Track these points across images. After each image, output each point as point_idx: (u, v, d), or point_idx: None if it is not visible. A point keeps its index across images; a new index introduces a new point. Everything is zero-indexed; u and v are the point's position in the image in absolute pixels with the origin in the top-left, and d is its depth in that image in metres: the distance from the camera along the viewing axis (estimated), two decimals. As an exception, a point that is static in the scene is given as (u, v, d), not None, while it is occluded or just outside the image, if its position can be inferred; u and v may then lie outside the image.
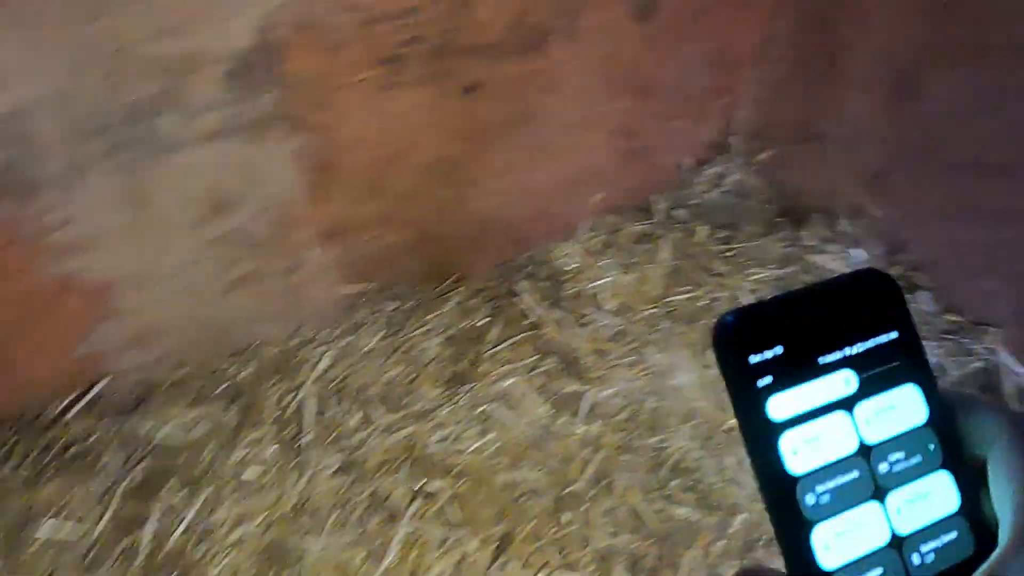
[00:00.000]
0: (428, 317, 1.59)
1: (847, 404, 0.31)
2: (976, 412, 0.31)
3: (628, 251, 1.73)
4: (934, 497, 0.31)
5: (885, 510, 0.31)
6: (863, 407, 0.31)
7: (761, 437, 0.30)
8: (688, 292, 1.62)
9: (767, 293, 1.61)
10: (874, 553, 0.30)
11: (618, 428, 1.42)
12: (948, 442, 0.32)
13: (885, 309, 0.32)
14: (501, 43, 1.28)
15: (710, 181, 1.85)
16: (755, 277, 1.64)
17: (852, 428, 0.31)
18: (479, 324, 1.59)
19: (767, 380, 0.30)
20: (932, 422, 0.32)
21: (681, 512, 1.30)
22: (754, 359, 0.30)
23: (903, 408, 0.32)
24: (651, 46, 1.46)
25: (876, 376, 0.32)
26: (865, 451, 0.31)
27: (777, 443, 0.30)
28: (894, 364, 0.32)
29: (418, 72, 1.24)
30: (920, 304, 1.53)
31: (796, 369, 0.31)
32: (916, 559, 0.30)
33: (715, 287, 1.63)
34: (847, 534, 0.30)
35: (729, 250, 1.71)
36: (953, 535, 0.31)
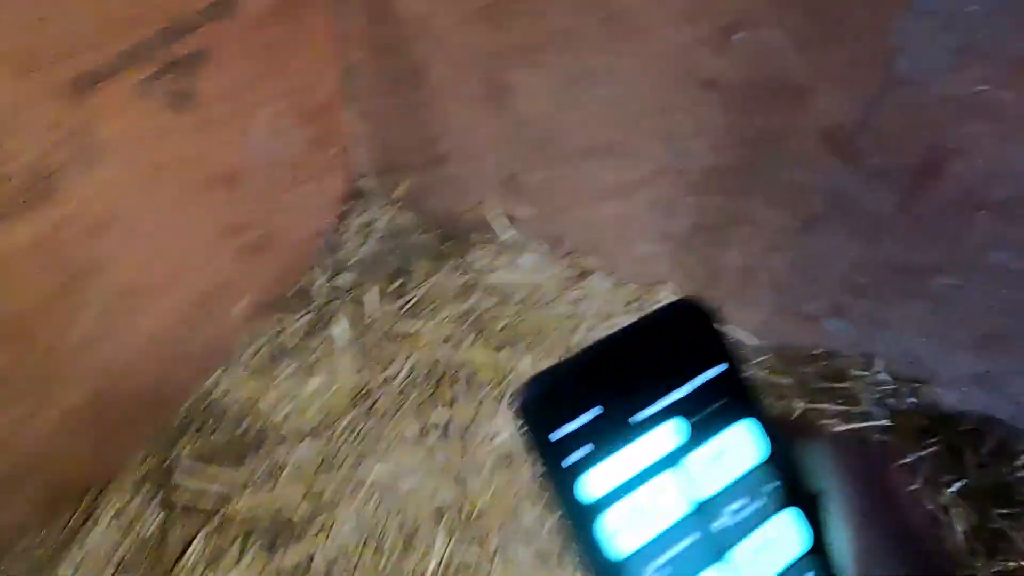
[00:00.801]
0: (73, 554, 1.18)
1: (675, 459, 0.27)
2: (806, 445, 0.28)
3: (303, 350, 1.47)
4: (784, 540, 0.28)
5: (733, 570, 0.27)
6: (694, 458, 0.28)
7: (577, 524, 0.26)
8: (383, 372, 1.43)
9: (460, 332, 1.49)
10: None
11: (367, 571, 1.19)
12: (790, 477, 0.28)
13: (700, 343, 0.28)
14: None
15: (361, 232, 1.66)
16: (444, 320, 1.51)
17: (681, 486, 0.27)
18: (152, 531, 1.23)
19: (576, 456, 0.26)
20: (771, 458, 0.28)
21: (467, 629, 1.14)
22: (556, 436, 0.25)
23: (737, 449, 0.28)
24: (209, 131, 1.19)
25: (705, 419, 0.28)
26: (700, 509, 0.27)
27: (595, 527, 0.26)
28: (722, 402, 0.28)
29: None
30: (597, 285, 1.54)
31: (612, 433, 0.26)
32: None
33: (409, 351, 1.46)
34: None
35: (408, 301, 1.55)
36: (811, 575, 0.28)
